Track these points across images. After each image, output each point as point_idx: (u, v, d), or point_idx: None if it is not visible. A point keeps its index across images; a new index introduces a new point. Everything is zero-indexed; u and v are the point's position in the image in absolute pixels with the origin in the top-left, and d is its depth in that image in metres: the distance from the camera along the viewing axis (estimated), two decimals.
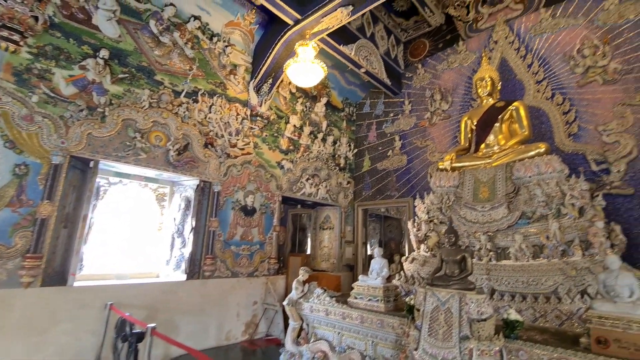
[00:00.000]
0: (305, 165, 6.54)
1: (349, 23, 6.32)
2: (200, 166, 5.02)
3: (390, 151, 7.18)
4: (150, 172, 4.79)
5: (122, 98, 4.34)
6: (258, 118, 5.89)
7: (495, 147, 4.90)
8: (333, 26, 5.39)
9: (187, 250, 4.95)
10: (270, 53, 5.71)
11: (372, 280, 4.41)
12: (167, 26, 4.87)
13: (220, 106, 5.43)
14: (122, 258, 4.98)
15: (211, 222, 5.05)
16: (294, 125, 6.51)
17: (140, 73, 4.55)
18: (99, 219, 4.73)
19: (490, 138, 5.02)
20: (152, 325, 2.79)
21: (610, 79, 4.83)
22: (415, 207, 5.22)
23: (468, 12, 6.68)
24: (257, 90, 5.90)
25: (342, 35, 6.18)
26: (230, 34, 5.68)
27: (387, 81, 6.97)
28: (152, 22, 4.73)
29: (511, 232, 3.91)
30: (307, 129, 6.73)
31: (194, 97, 5.10)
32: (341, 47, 6.09)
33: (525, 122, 4.82)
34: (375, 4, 5.52)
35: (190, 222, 5.09)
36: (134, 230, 5.19)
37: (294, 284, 4.63)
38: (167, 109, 4.73)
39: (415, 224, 4.93)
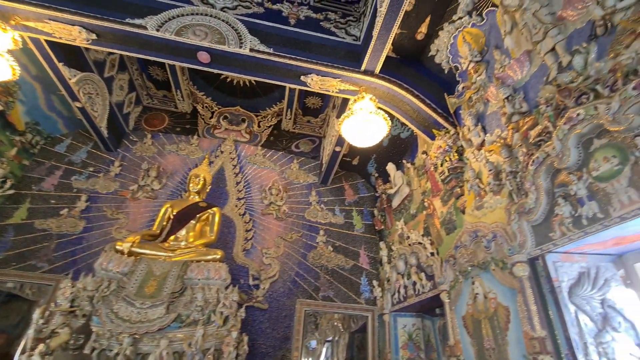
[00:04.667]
0: None
1: (87, 49, 5.32)
2: None
3: (67, 210, 5.60)
4: None
5: None
6: None
7: (183, 243, 4.95)
8: (61, 38, 4.31)
9: None
10: None
11: None
12: None
13: None
14: None
15: None
16: None
17: None
18: None
19: (182, 232, 5.06)
20: None
21: (280, 217, 6.44)
22: (61, 289, 3.96)
23: (211, 117, 7.47)
24: None
25: (71, 54, 5.03)
26: None
27: (105, 132, 5.99)
28: None
29: (159, 335, 3.62)
30: None
31: None
32: (60, 65, 4.85)
33: (215, 228, 5.31)
34: (126, 53, 5.09)
35: None
36: None
37: None
38: None
39: (48, 313, 3.65)
